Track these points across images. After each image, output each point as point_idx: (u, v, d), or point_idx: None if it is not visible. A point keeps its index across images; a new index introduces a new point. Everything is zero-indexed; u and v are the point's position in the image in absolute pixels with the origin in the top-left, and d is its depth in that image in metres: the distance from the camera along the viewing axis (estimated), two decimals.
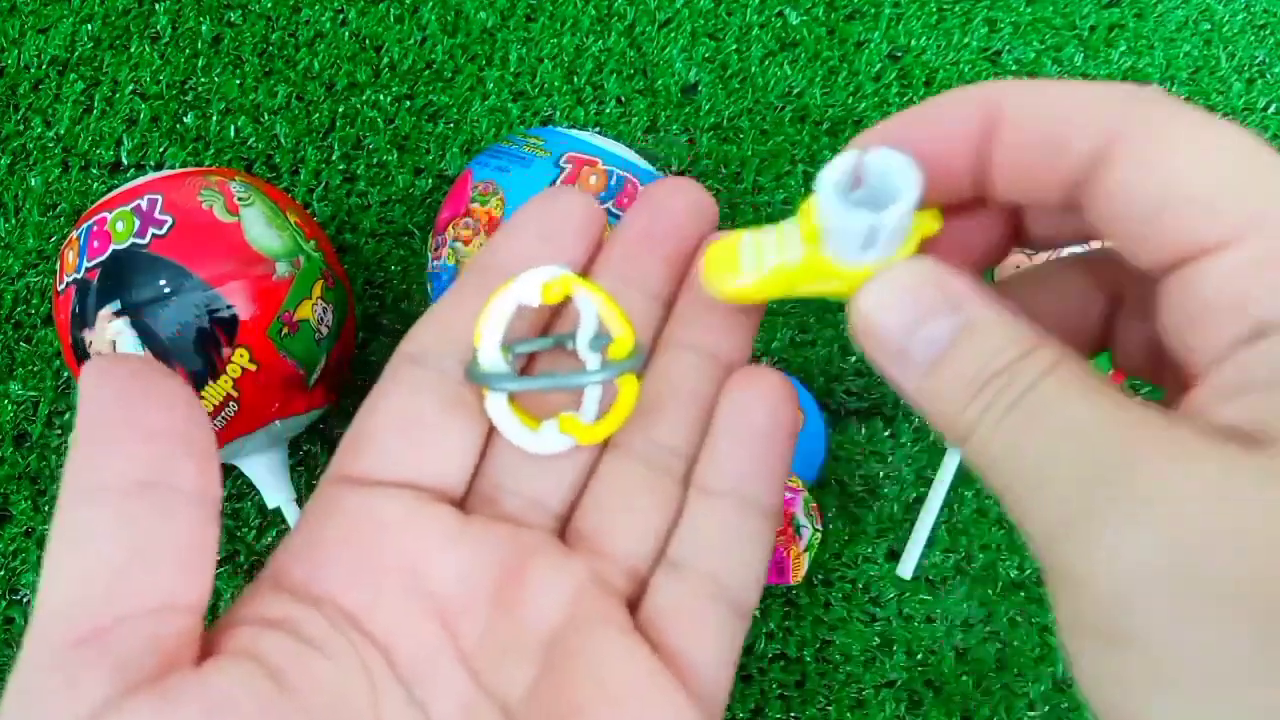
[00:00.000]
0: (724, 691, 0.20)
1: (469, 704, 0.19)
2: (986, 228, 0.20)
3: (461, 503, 0.21)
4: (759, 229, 0.21)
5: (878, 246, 0.19)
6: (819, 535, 0.39)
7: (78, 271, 0.35)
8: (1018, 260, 0.37)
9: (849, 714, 0.39)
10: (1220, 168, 0.16)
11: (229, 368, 0.35)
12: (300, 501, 0.40)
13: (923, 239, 0.19)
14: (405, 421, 0.21)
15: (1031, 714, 0.39)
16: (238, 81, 0.47)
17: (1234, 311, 0.15)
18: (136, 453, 0.17)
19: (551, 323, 0.23)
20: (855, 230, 0.18)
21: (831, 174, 0.18)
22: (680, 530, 0.21)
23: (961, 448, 0.18)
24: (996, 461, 0.17)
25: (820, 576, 0.40)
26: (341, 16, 0.48)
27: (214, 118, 0.47)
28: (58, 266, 0.37)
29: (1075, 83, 0.18)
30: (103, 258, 0.35)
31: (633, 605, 0.21)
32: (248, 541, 0.41)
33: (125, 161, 0.46)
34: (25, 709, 0.16)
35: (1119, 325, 0.21)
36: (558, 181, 0.36)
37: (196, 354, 0.34)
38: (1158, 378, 0.20)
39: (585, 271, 0.23)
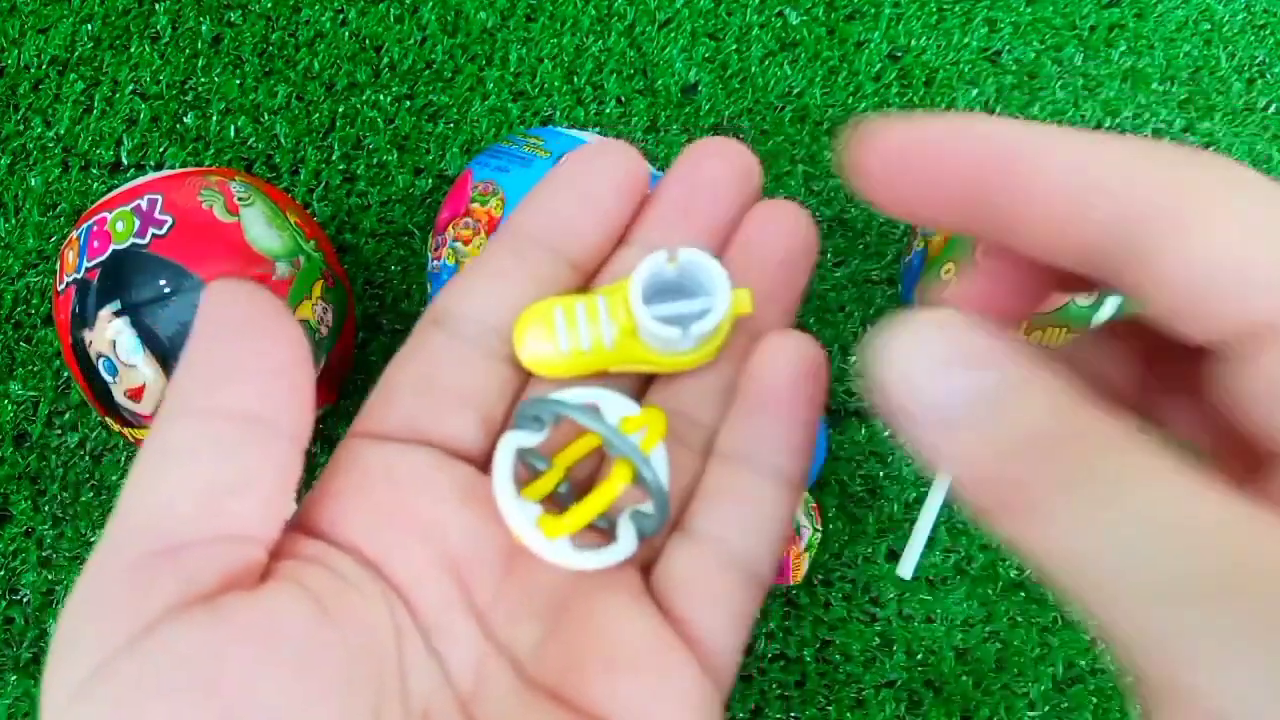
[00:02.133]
0: (734, 659, 0.20)
1: (481, 656, 0.19)
2: (1021, 272, 0.18)
3: (484, 464, 0.21)
4: (570, 298, 0.21)
5: (691, 341, 0.20)
6: (819, 535, 0.39)
7: (78, 271, 0.35)
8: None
9: (849, 714, 0.39)
10: (1267, 251, 0.14)
11: None
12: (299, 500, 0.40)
13: (735, 319, 0.20)
14: (425, 382, 0.21)
15: (1031, 714, 0.39)
16: (238, 81, 0.47)
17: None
18: (248, 385, 0.18)
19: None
20: (662, 333, 0.19)
21: (640, 277, 0.19)
22: (696, 498, 0.21)
23: (1004, 521, 0.15)
24: (1058, 550, 0.14)
25: (820, 576, 0.40)
26: (341, 16, 0.48)
27: (214, 118, 0.47)
28: (58, 266, 0.37)
29: (1099, 138, 0.16)
30: (103, 258, 0.35)
31: (646, 570, 0.21)
32: None
33: (125, 161, 0.46)
34: (91, 609, 0.16)
35: (1159, 399, 0.19)
36: None
37: None
38: (1215, 454, 0.18)
39: (622, 238, 0.22)
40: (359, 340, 0.43)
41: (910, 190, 0.17)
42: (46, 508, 0.42)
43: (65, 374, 0.43)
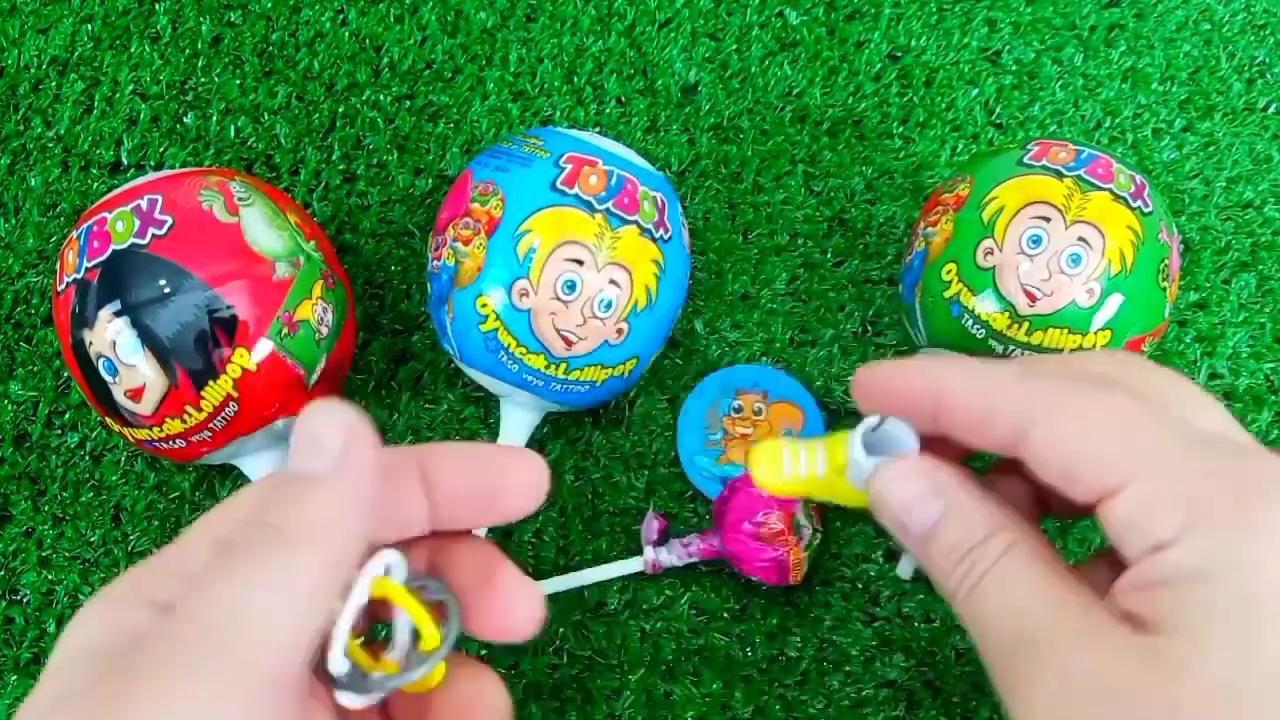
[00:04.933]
0: None
1: None
2: (1014, 487, 0.27)
3: None
4: (796, 442, 0.29)
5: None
6: (819, 535, 0.39)
7: (78, 271, 0.35)
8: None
9: (849, 714, 0.39)
10: (1108, 432, 0.22)
11: (229, 368, 0.35)
12: None
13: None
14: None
15: None
16: (238, 81, 0.47)
17: (1137, 534, 0.21)
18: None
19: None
20: (867, 469, 0.26)
21: (863, 430, 0.27)
22: None
23: (954, 600, 0.24)
24: (969, 624, 0.24)
25: (820, 576, 0.40)
26: (341, 16, 0.48)
27: (214, 118, 0.47)
28: (58, 266, 0.37)
29: (997, 371, 0.24)
30: (103, 258, 0.35)
31: None
32: None
33: (125, 161, 0.46)
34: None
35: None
36: (558, 181, 0.36)
37: (196, 354, 0.34)
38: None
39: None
40: (359, 340, 0.43)
41: (889, 407, 0.26)
42: (46, 508, 0.42)
43: (65, 374, 0.43)
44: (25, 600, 0.41)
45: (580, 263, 0.35)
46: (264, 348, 0.35)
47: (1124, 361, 0.26)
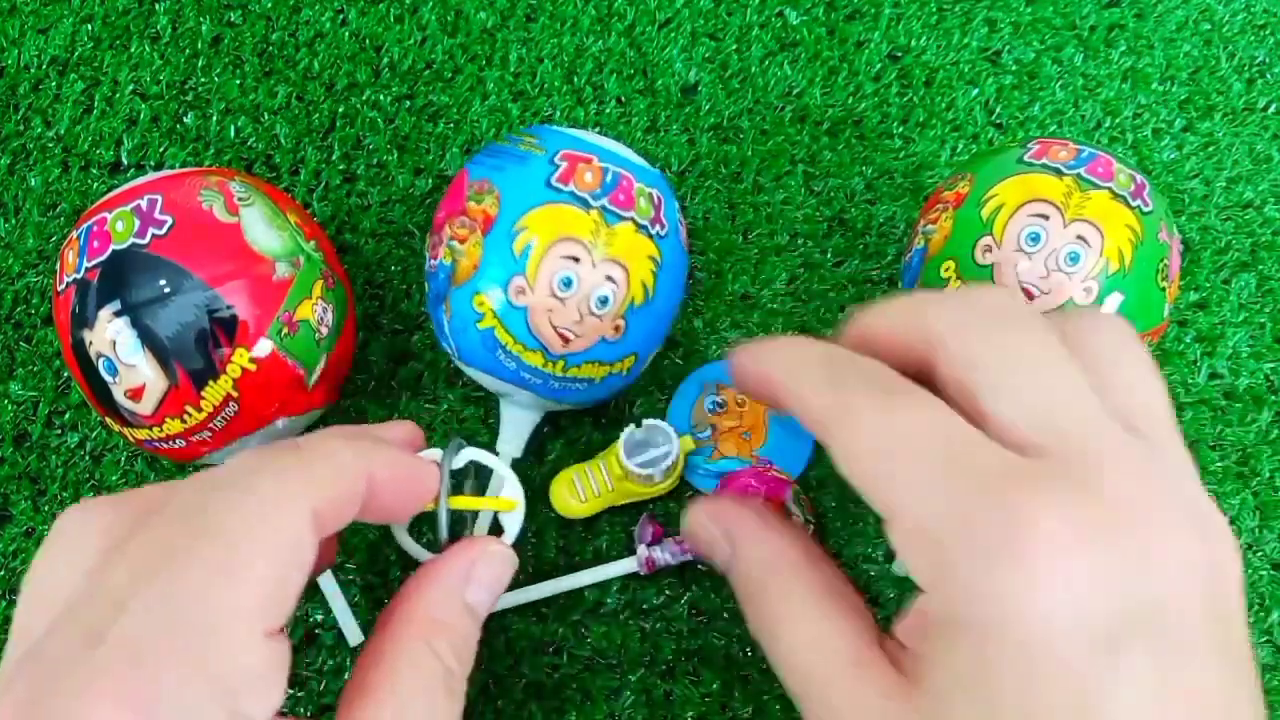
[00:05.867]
0: None
1: None
2: None
3: None
4: (581, 467, 0.37)
5: (659, 475, 0.37)
6: (811, 525, 0.39)
7: (78, 271, 0.35)
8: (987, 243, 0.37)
9: None
10: (887, 451, 0.21)
11: (229, 368, 0.35)
12: None
13: (685, 455, 0.38)
14: None
15: None
16: (238, 81, 0.47)
17: (908, 569, 0.21)
18: None
19: None
20: (643, 472, 0.36)
21: (627, 441, 0.36)
22: None
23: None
24: (770, 661, 0.25)
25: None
26: (341, 16, 0.48)
27: (214, 118, 0.47)
28: (58, 266, 0.37)
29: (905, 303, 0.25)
30: (103, 258, 0.35)
31: None
32: None
33: (125, 161, 0.46)
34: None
35: None
36: (553, 178, 0.36)
37: (196, 354, 0.34)
38: None
39: None
40: (359, 340, 0.43)
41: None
42: (46, 508, 0.42)
43: (65, 374, 0.43)
44: None
45: (576, 259, 0.35)
46: (264, 348, 0.35)
47: (1071, 316, 0.24)
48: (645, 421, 0.34)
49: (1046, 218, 0.36)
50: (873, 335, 0.26)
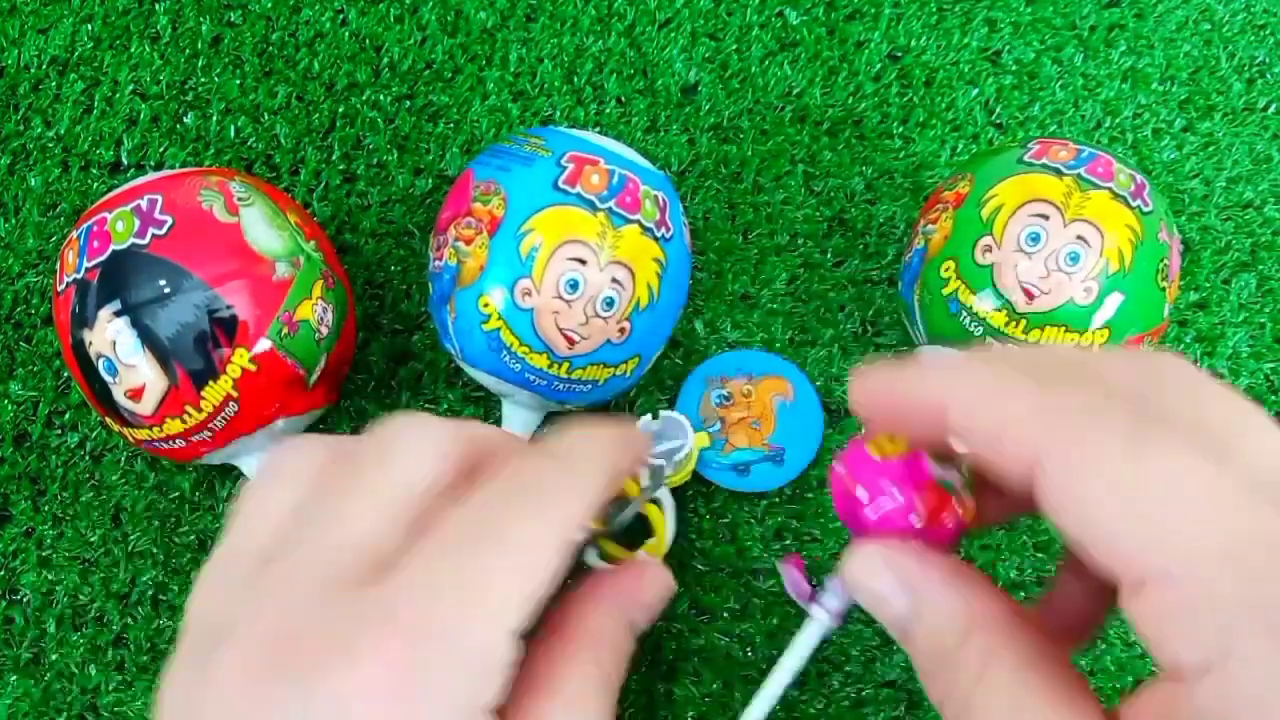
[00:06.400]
0: None
1: None
2: None
3: None
4: None
5: (670, 468, 0.38)
6: (964, 460, 0.25)
7: (78, 271, 0.35)
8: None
9: (849, 714, 0.39)
10: (1134, 506, 0.17)
11: (229, 368, 0.35)
12: None
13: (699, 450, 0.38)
14: None
15: None
16: (238, 81, 0.47)
17: (1157, 648, 0.17)
18: None
19: None
20: (654, 463, 0.35)
21: (642, 430, 0.36)
22: None
23: (928, 688, 0.22)
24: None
25: (819, 578, 0.40)
26: (341, 16, 0.48)
27: (214, 118, 0.47)
28: (58, 266, 0.37)
29: (1009, 382, 0.20)
30: (103, 258, 0.35)
31: None
32: None
33: (125, 161, 0.46)
34: None
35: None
36: (560, 180, 0.36)
37: (196, 354, 0.34)
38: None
39: None
40: (359, 340, 0.43)
41: (891, 422, 0.24)
42: (46, 508, 0.42)
43: (65, 374, 0.43)
44: (25, 600, 0.41)
45: (583, 262, 0.35)
46: (264, 347, 0.35)
47: (1159, 375, 0.20)
48: (663, 413, 0.34)
49: (1046, 218, 0.36)
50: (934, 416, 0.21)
